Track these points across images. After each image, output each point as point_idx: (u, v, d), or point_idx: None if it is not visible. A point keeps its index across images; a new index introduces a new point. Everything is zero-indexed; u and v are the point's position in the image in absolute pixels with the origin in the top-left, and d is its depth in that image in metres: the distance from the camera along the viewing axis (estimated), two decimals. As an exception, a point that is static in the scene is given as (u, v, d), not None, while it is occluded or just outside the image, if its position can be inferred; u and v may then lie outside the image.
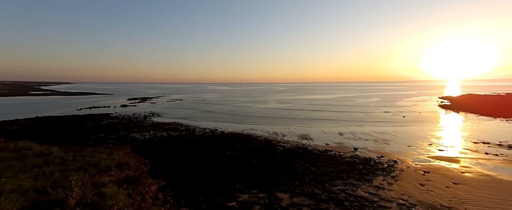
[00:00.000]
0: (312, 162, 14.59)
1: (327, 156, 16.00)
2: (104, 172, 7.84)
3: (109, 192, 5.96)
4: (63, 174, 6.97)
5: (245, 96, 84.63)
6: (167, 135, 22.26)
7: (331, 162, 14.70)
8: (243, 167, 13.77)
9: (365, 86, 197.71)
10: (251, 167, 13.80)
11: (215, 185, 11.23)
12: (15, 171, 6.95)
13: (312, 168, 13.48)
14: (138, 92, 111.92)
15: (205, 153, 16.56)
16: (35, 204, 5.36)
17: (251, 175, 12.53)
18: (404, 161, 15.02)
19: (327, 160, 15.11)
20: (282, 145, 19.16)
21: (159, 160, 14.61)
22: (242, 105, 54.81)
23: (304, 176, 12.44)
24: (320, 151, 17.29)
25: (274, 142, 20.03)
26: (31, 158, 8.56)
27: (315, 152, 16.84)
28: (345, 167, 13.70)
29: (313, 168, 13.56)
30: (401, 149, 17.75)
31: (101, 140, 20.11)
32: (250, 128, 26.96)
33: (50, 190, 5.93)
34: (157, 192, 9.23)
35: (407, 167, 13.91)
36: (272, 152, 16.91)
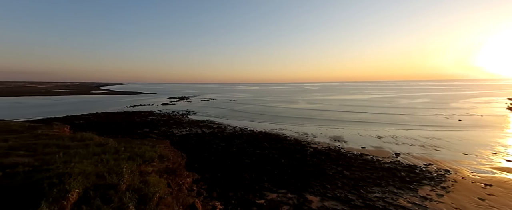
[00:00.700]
0: (346, 166, 13.73)
1: (362, 160, 14.86)
2: (148, 162, 8.84)
3: (152, 181, 6.69)
4: (116, 162, 8.06)
5: (274, 96, 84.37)
6: (201, 132, 23.69)
7: (367, 167, 13.60)
8: (272, 166, 13.78)
9: (405, 86, 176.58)
10: (280, 166, 13.72)
11: (244, 181, 11.51)
12: (80, 157, 8.33)
13: (345, 172, 12.70)
14: (177, 92, 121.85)
15: (235, 150, 17.09)
16: (95, 186, 6.35)
17: (279, 175, 12.46)
18: (459, 170, 12.96)
19: (363, 164, 14.02)
20: (313, 146, 18.51)
21: (194, 155, 15.67)
22: (271, 104, 54.79)
23: (336, 179, 11.80)
24: (354, 154, 16.15)
25: (304, 143, 19.49)
26: (92, 147, 10.15)
27: (349, 156, 15.80)
28: (384, 173, 12.52)
29: (347, 172, 12.75)
30: (456, 157, 15.35)
31: (146, 134, 22.56)
32: (279, 127, 26.77)
33: (107, 175, 6.95)
34: (192, 184, 9.94)
35: (463, 177, 11.98)
36: (301, 153, 16.50)
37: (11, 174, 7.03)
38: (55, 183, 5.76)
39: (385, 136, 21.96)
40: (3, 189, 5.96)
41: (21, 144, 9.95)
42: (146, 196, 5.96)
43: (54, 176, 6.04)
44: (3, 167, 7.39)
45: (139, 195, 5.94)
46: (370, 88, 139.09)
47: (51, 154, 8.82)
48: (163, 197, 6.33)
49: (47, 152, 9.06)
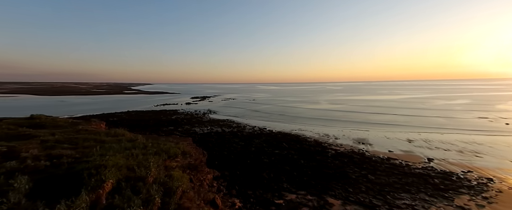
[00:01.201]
0: (370, 170, 12.98)
1: (389, 164, 13.91)
2: (172, 158, 9.38)
3: (176, 175, 7.08)
4: (144, 157, 8.68)
5: (294, 96, 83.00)
6: (221, 131, 24.31)
7: (395, 171, 12.70)
8: (291, 166, 13.60)
9: (441, 85, 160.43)
10: (299, 167, 13.48)
11: (263, 181, 11.54)
12: (114, 151, 9.12)
13: (370, 176, 12.01)
14: (199, 91, 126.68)
15: (254, 149, 17.21)
16: (126, 178, 6.92)
17: (299, 176, 12.25)
18: (505, 180, 11.44)
19: (390, 169, 13.13)
20: (334, 148, 17.84)
21: (214, 153, 16.16)
22: (291, 104, 54.01)
23: (360, 183, 11.22)
24: (381, 158, 15.20)
25: (325, 145, 18.87)
26: (124, 142, 11.06)
27: (375, 159, 14.91)
28: (414, 179, 11.58)
29: (371, 176, 12.05)
30: (501, 165, 13.58)
31: (171, 131, 23.87)
32: (299, 128, 26.29)
33: (136, 168, 7.52)
34: (213, 181, 10.27)
35: (510, 188, 10.55)
36: (322, 155, 16.01)
37: (57, 164, 7.99)
38: (93, 173, 6.40)
39: (416, 139, 20.28)
40: (51, 177, 6.80)
41: (65, 138, 11.24)
42: (170, 190, 6.33)
43: (92, 167, 6.71)
44: (51, 158, 8.43)
45: (164, 188, 6.33)
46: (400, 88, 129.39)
47: (89, 147, 9.83)
48: (186, 191, 6.66)
49: (86, 145, 10.11)
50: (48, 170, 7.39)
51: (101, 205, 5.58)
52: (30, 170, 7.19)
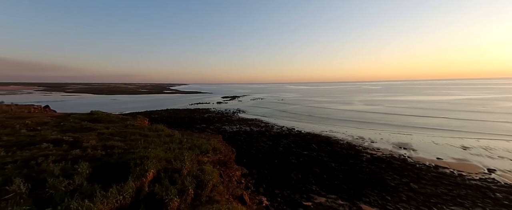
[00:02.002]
0: (413, 178, 11.66)
1: (437, 173, 12.27)
2: (204, 153, 9.98)
3: (207, 169, 7.52)
4: (180, 151, 9.42)
5: (326, 96, 79.33)
6: (250, 130, 24.76)
7: (444, 181, 11.16)
8: (320, 169, 13.09)
9: (503, 84, 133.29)
10: (329, 170, 12.88)
11: (290, 181, 11.39)
12: (155, 145, 10.12)
13: (412, 185, 10.80)
14: (229, 91, 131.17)
15: (282, 149, 17.08)
16: (165, 169, 7.62)
17: (329, 179, 11.72)
18: None
19: (438, 178, 11.58)
20: (370, 152, 16.52)
21: (243, 151, 16.57)
22: (321, 105, 51.79)
23: (400, 192, 10.18)
24: (426, 165, 13.51)
25: (359, 148, 17.62)
26: (163, 137, 12.17)
27: (419, 167, 13.33)
28: (469, 192, 9.99)
29: (414, 185, 10.81)
30: None
31: (203, 128, 25.32)
32: (330, 129, 25.08)
33: (173, 161, 8.22)
34: (241, 178, 10.56)
35: None
36: (355, 158, 14.99)
37: (110, 154, 9.24)
38: (138, 163, 7.23)
39: (473, 146, 17.43)
40: (105, 165, 7.90)
41: (117, 131, 12.90)
42: (202, 183, 6.75)
43: (137, 158, 7.58)
44: (106, 148, 9.80)
45: (197, 181, 6.79)
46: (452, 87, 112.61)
47: (135, 140, 11.11)
48: (216, 185, 7.01)
49: (132, 139, 11.45)
50: (103, 158, 8.61)
51: (144, 192, 6.27)
52: (90, 158, 8.49)
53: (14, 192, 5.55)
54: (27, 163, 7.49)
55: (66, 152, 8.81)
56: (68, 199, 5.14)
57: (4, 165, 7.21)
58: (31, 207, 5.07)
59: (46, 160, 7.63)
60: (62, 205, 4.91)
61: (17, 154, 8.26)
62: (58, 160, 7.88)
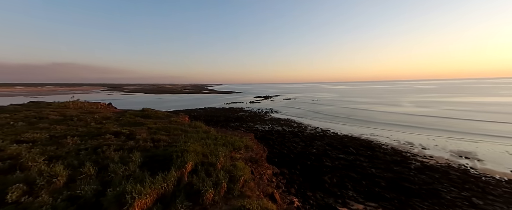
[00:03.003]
0: (477, 192, 9.81)
1: (511, 189, 10.03)
2: (237, 150, 10.41)
3: (239, 165, 7.84)
4: (215, 147, 10.04)
5: (367, 96, 72.76)
6: (282, 130, 24.57)
7: (522, 202, 9.04)
8: (358, 174, 12.14)
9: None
10: (369, 176, 11.84)
11: (324, 184, 10.89)
12: (193, 140, 11.01)
13: (475, 200, 9.10)
14: (262, 91, 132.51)
15: (315, 151, 16.44)
16: (201, 163, 8.24)
17: (368, 186, 10.78)
18: None
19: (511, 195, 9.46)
20: (420, 159, 14.54)
21: (274, 150, 16.57)
22: (361, 106, 47.70)
23: (458, 207, 8.69)
24: (496, 179, 11.19)
25: (407, 154, 15.68)
26: (200, 133, 13.14)
27: (485, 179, 11.13)
28: (561, 220, 7.87)
29: (478, 200, 9.09)
30: None
31: (237, 127, 26.28)
32: (371, 133, 22.96)
33: (208, 155, 8.82)
34: (272, 176, 10.62)
35: None
36: (401, 165, 13.40)
37: (157, 146, 10.45)
38: (179, 155, 8.00)
39: None
40: (153, 155, 8.97)
41: (162, 126, 14.49)
42: (234, 177, 7.07)
43: (179, 151, 8.39)
44: (154, 141, 11.12)
45: (229, 175, 7.14)
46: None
47: (177, 135, 12.30)
48: (247, 181, 7.24)
49: (175, 133, 12.70)
50: (151, 149, 9.81)
51: (184, 182, 6.92)
52: (141, 148, 9.78)
53: (86, 173, 6.80)
54: (95, 150, 9.08)
55: (123, 142, 10.34)
56: (125, 182, 6.05)
57: (79, 151, 8.89)
58: (97, 187, 6.13)
59: (108, 149, 9.11)
60: (120, 187, 5.81)
61: (88, 142, 10.08)
62: (117, 149, 9.32)
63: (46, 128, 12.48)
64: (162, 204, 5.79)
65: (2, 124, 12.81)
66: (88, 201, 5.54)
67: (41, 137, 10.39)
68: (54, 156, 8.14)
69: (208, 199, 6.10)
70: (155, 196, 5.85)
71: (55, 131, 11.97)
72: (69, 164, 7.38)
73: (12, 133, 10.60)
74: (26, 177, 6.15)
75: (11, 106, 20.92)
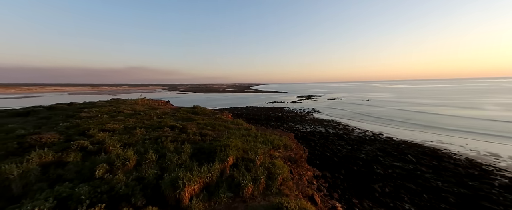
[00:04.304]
0: None
1: None
2: (275, 149, 10.46)
3: (278, 163, 7.87)
4: (254, 144, 10.34)
5: (433, 97, 61.37)
6: (325, 131, 23.27)
7: None
8: (418, 186, 10.45)
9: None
10: (433, 190, 10.04)
11: (373, 193, 9.82)
12: (235, 136, 11.62)
13: None
14: (304, 91, 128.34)
15: (364, 157, 14.95)
16: (242, 158, 8.64)
17: (431, 200, 9.17)
18: None
19: None
20: (509, 175, 11.44)
21: (316, 152, 15.87)
22: (425, 108, 40.50)
23: None
24: None
25: (489, 168, 12.59)
26: (242, 130, 13.74)
27: None
28: None
29: None
30: None
31: (277, 126, 26.31)
32: (438, 140, 19.33)
33: (248, 151, 9.18)
34: (313, 178, 10.22)
35: None
36: (480, 181, 10.85)
37: (204, 140, 11.48)
38: (222, 149, 8.61)
39: None
40: (200, 148, 9.91)
41: (209, 122, 15.81)
42: (272, 175, 7.14)
43: (222, 145, 9.02)
44: (201, 135, 12.26)
45: (268, 172, 7.26)
46: None
47: (221, 131, 13.22)
48: (286, 180, 7.20)
49: (219, 129, 13.68)
50: (199, 142, 10.85)
51: (226, 174, 7.41)
52: (191, 141, 10.94)
53: (149, 159, 8.04)
54: (156, 140, 10.65)
55: (177, 135, 11.78)
56: (178, 169, 6.91)
57: (145, 141, 10.58)
58: (157, 171, 7.18)
59: (166, 140, 10.54)
60: (174, 173, 6.67)
61: (151, 133, 11.89)
62: (172, 140, 10.69)
63: (122, 120, 15.34)
64: (207, 192, 6.36)
65: (93, 116, 16.42)
66: (150, 183, 6.58)
67: (118, 128, 12.84)
68: (127, 143, 9.96)
69: (247, 192, 6.37)
70: (201, 184, 6.48)
71: (128, 123, 14.60)
72: (137, 151, 8.89)
73: (99, 123, 13.48)
74: (108, 158, 7.74)
75: (99, 102, 26.58)
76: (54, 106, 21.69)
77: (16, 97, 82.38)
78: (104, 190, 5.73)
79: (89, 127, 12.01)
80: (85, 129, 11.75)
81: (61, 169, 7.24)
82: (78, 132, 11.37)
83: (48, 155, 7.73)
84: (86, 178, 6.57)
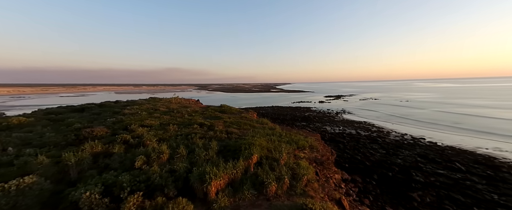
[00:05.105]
0: None
1: None
2: (300, 149, 10.23)
3: (303, 164, 7.70)
4: (278, 143, 10.28)
5: (487, 98, 52.71)
6: (356, 133, 21.87)
7: None
8: (467, 197, 9.14)
9: None
10: (486, 203, 8.69)
11: (411, 202, 8.90)
12: (260, 135, 11.72)
13: None
14: (333, 90, 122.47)
15: (401, 162, 13.63)
16: (266, 157, 8.68)
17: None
18: None
19: None
20: None
21: (345, 155, 15.03)
22: (478, 111, 34.97)
23: None
24: None
25: None
26: (266, 129, 13.79)
27: None
28: None
29: None
30: None
31: (303, 126, 25.67)
32: (495, 147, 16.59)
33: (272, 150, 9.18)
34: (341, 182, 9.72)
35: None
36: (554, 200, 8.97)
37: (230, 137, 11.85)
38: (246, 147, 8.78)
39: None
40: (226, 145, 10.25)
41: (235, 121, 16.25)
42: (297, 175, 7.02)
43: (246, 143, 9.20)
44: (227, 133, 12.67)
45: (292, 173, 7.16)
46: None
47: (246, 129, 13.47)
48: (311, 181, 7.00)
49: (244, 128, 13.95)
50: (225, 140, 11.25)
51: (250, 172, 7.55)
52: (218, 138, 11.41)
53: (180, 154, 8.63)
54: (186, 136, 11.37)
55: (205, 132, 12.39)
56: (205, 165, 7.28)
57: (177, 136, 11.37)
58: (187, 165, 7.67)
59: (195, 136, 11.18)
60: (201, 168, 7.05)
61: (182, 130, 12.73)
62: (201, 137, 11.28)
63: (158, 117, 16.77)
64: (232, 188, 6.57)
65: (134, 113, 18.29)
66: (181, 175, 7.07)
67: (155, 124, 14.08)
68: (161, 138, 10.86)
69: (271, 191, 6.39)
70: (226, 179, 6.72)
71: (162, 119, 15.90)
72: (170, 145, 9.64)
73: (139, 119, 14.96)
74: (145, 151, 8.55)
75: (139, 100, 29.48)
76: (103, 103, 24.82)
77: (74, 95, 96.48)
78: (142, 179, 6.36)
79: (131, 123, 13.42)
80: (128, 124, 13.18)
81: (108, 159, 8.27)
82: (122, 127, 12.82)
83: (98, 146, 8.90)
84: (128, 168, 7.39)
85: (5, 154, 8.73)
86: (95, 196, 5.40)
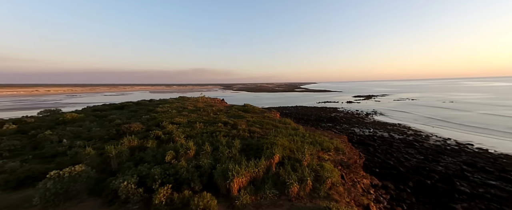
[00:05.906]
0: None
1: None
2: (325, 151, 9.83)
3: (327, 166, 7.40)
4: (302, 144, 10.07)
5: None
6: (388, 136, 20.20)
7: None
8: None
9: None
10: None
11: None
12: (282, 135, 11.63)
13: None
14: (363, 90, 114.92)
15: (442, 169, 12.20)
16: (288, 157, 8.59)
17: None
18: None
19: None
20: None
21: (376, 159, 13.99)
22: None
23: None
24: None
25: None
26: (289, 130, 13.60)
27: None
28: None
29: None
30: None
31: (329, 127, 24.63)
32: None
33: (295, 151, 9.04)
34: (370, 187, 9.11)
35: None
36: None
37: (252, 137, 11.99)
38: (268, 147, 8.79)
39: None
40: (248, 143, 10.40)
41: (257, 120, 16.38)
42: (320, 178, 6.78)
43: (268, 143, 9.21)
44: (250, 132, 12.84)
45: (315, 175, 6.94)
46: None
47: (268, 129, 13.47)
48: (335, 184, 6.70)
49: (267, 127, 13.97)
50: (248, 139, 11.42)
51: (272, 171, 7.55)
52: (240, 137, 11.64)
53: (205, 151, 9.02)
54: (211, 134, 11.84)
55: (229, 130, 12.73)
56: (228, 162, 7.50)
57: (202, 134, 11.91)
58: (211, 162, 7.98)
59: (219, 134, 11.58)
60: (224, 165, 7.28)
61: (208, 128, 13.28)
62: (225, 135, 11.64)
63: (186, 115, 17.79)
64: (254, 186, 6.65)
65: (165, 110, 19.68)
66: (206, 171, 7.41)
67: (183, 121, 14.97)
68: (189, 135, 11.51)
69: (293, 192, 6.30)
70: (248, 177, 6.82)
71: (190, 117, 16.82)
72: (196, 142, 10.16)
73: (169, 117, 16.06)
74: (174, 147, 9.16)
75: (170, 99, 31.63)
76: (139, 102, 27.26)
77: (116, 94, 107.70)
78: (171, 173, 6.84)
79: (162, 120, 14.48)
80: (159, 121, 14.26)
81: (143, 152, 9.06)
82: (154, 123, 13.92)
83: (134, 140, 9.81)
84: (159, 161, 8.00)
85: (61, 145, 10.20)
86: (131, 186, 5.99)
